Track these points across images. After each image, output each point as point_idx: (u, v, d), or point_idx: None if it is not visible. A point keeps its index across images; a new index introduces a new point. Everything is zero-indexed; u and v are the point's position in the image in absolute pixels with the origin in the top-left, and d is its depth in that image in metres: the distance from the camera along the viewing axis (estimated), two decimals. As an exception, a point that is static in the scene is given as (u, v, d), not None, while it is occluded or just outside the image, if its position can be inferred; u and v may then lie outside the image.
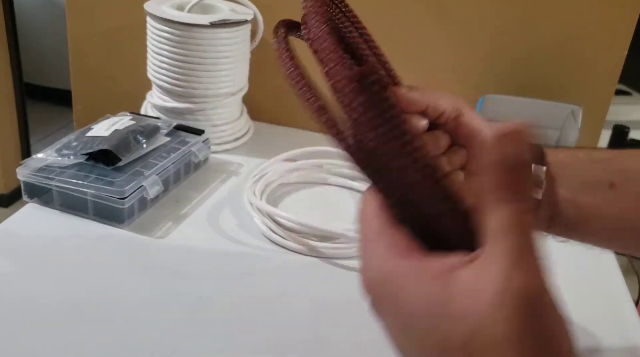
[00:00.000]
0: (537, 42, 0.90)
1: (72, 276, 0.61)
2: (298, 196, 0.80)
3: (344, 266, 0.67)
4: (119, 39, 1.04)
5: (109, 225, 0.69)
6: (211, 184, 0.81)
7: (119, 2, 1.01)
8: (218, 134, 0.89)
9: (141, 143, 0.75)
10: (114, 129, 0.75)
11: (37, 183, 0.70)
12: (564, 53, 0.90)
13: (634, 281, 0.97)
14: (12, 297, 0.58)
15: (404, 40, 0.93)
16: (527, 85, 0.91)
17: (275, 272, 0.66)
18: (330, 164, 0.85)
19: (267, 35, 0.95)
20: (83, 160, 0.71)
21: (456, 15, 0.91)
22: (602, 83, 0.90)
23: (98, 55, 1.07)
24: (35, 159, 0.71)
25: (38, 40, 2.90)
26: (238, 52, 0.88)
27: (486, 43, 0.91)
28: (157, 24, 0.84)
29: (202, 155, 0.82)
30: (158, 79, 0.87)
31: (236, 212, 0.75)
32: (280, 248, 0.69)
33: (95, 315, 0.56)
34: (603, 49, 0.88)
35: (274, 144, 0.92)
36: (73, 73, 1.10)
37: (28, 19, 2.87)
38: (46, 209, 0.71)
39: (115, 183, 0.68)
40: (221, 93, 0.88)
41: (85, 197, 0.68)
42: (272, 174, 0.80)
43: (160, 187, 0.73)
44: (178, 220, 0.72)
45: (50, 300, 0.58)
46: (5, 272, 0.61)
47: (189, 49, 0.83)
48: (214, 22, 0.82)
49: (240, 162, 0.88)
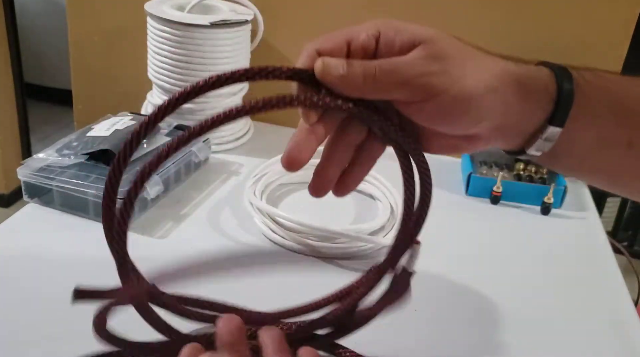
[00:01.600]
0: (536, 42, 0.90)
1: (73, 276, 0.61)
2: (298, 196, 0.80)
3: (344, 266, 0.67)
4: (119, 39, 1.04)
5: (109, 225, 0.69)
6: (211, 184, 0.81)
7: (119, 3, 1.01)
8: (218, 134, 0.90)
9: (142, 143, 0.75)
10: (114, 129, 0.76)
11: (37, 183, 0.70)
12: (564, 53, 0.89)
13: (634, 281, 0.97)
14: (12, 297, 0.58)
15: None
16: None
17: (275, 272, 0.66)
18: (330, 164, 0.85)
19: (267, 35, 0.95)
20: (84, 160, 0.71)
21: (456, 16, 0.91)
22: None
23: (99, 55, 1.07)
24: (35, 159, 0.72)
25: (39, 41, 2.90)
26: (238, 52, 0.88)
27: (486, 43, 0.90)
28: (158, 24, 0.84)
29: (202, 155, 0.82)
30: (158, 79, 0.88)
31: (236, 212, 0.75)
32: (281, 248, 0.69)
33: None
34: (602, 49, 0.88)
35: (274, 144, 0.91)
36: (74, 73, 1.10)
37: (29, 19, 2.87)
38: (47, 209, 0.71)
39: (116, 183, 0.68)
40: (221, 93, 0.88)
41: (85, 197, 0.68)
42: (272, 174, 0.80)
43: (161, 187, 0.73)
44: (178, 220, 0.72)
45: (50, 300, 0.58)
46: (6, 272, 0.61)
47: (189, 49, 0.83)
48: (214, 23, 0.82)
49: (240, 162, 0.88)
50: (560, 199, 0.82)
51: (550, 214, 0.81)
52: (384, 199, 0.78)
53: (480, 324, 0.61)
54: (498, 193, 0.82)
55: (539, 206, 0.82)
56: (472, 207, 0.82)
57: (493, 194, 0.82)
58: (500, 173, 0.85)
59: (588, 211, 0.84)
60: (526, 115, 0.40)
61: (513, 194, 0.83)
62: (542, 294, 0.66)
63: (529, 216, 0.81)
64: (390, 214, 0.75)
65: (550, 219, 0.81)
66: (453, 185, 0.87)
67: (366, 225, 0.71)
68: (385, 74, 0.36)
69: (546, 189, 0.81)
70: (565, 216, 0.82)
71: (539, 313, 0.63)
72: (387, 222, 0.73)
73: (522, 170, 0.86)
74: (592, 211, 0.84)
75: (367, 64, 0.37)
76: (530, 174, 0.86)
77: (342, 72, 0.36)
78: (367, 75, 0.36)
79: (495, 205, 0.83)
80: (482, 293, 0.65)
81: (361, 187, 0.82)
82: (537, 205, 0.82)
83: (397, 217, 0.74)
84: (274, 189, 0.80)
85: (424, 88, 0.37)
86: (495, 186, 0.82)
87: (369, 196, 0.81)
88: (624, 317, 0.63)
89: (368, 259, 0.69)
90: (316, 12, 0.94)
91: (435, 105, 0.37)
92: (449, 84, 0.37)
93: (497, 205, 0.83)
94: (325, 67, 0.37)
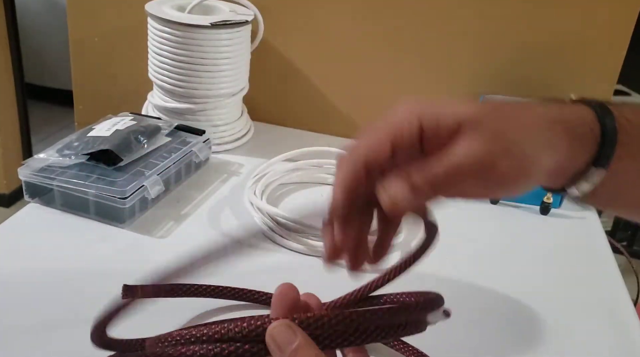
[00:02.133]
0: (536, 42, 0.90)
1: (73, 276, 0.62)
2: (298, 196, 0.81)
3: (344, 266, 0.67)
4: (120, 40, 1.05)
5: (110, 225, 0.69)
6: (212, 184, 0.81)
7: (120, 3, 1.02)
8: (219, 134, 0.90)
9: (142, 143, 0.76)
10: (115, 129, 0.76)
11: (38, 183, 0.70)
12: (564, 54, 0.90)
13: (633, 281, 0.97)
14: (13, 297, 0.58)
15: (402, 40, 0.93)
16: (526, 86, 0.91)
17: (275, 272, 0.66)
18: (330, 164, 0.85)
19: (267, 35, 0.95)
20: (84, 161, 0.72)
21: (456, 16, 0.91)
22: (601, 83, 0.91)
23: (99, 55, 1.07)
24: (36, 159, 0.72)
25: (39, 41, 2.90)
26: (238, 52, 0.88)
27: (485, 43, 0.91)
28: (158, 25, 0.84)
29: (202, 155, 0.82)
30: (159, 79, 0.88)
31: (237, 212, 0.75)
32: (281, 248, 0.69)
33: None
34: (602, 49, 0.88)
35: (274, 144, 0.92)
36: (74, 73, 1.10)
37: (29, 19, 2.87)
38: (47, 209, 0.71)
39: (117, 183, 0.68)
40: (222, 93, 0.88)
41: (86, 197, 0.68)
42: (272, 174, 0.80)
43: (161, 187, 0.73)
44: (179, 220, 0.72)
45: (51, 300, 0.58)
46: (6, 272, 0.61)
47: (190, 49, 0.84)
48: (215, 23, 0.83)
49: (240, 162, 0.88)
50: (559, 199, 0.82)
51: (549, 214, 0.82)
52: (384, 199, 0.78)
53: (480, 324, 0.61)
54: (498, 193, 0.82)
55: (539, 206, 0.82)
56: (472, 207, 0.82)
57: (493, 194, 0.83)
58: (500, 173, 0.85)
59: (587, 211, 0.84)
60: (573, 160, 0.39)
61: (513, 194, 0.83)
62: (541, 294, 0.66)
63: (528, 216, 0.81)
64: (390, 214, 0.75)
65: (550, 219, 0.81)
66: (453, 185, 0.87)
67: (366, 225, 0.71)
68: (450, 180, 0.35)
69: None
70: (564, 216, 0.82)
71: (539, 313, 0.63)
72: (387, 222, 0.73)
73: (521, 171, 0.86)
74: (592, 211, 0.84)
75: (429, 177, 0.35)
76: (530, 174, 0.86)
77: (411, 200, 0.35)
78: (435, 189, 0.36)
79: (494, 205, 0.83)
80: (482, 293, 0.65)
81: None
82: (536, 205, 0.82)
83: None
84: (274, 189, 0.80)
85: (491, 178, 0.36)
86: (495, 186, 0.82)
87: (369, 195, 0.81)
88: (624, 317, 0.63)
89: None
90: (316, 12, 0.94)
91: (498, 183, 0.36)
92: (515, 164, 0.36)
93: (496, 205, 0.83)
94: (393, 201, 0.36)
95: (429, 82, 0.95)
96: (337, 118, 1.00)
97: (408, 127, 0.36)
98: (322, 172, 0.84)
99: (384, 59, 0.95)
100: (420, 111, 0.37)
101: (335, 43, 0.96)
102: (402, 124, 0.37)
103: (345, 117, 1.00)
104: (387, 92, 0.97)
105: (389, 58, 0.95)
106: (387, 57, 0.95)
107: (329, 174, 0.84)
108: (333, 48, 0.96)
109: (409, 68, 0.95)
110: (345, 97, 1.00)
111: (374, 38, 0.94)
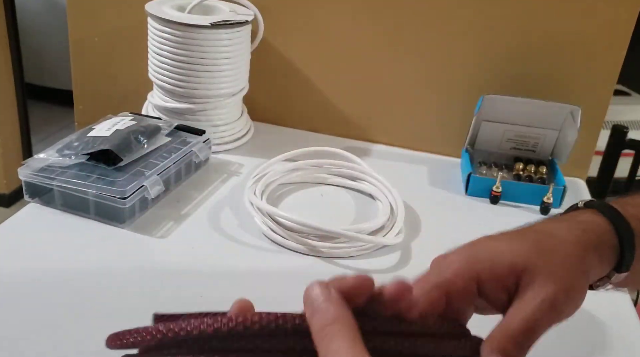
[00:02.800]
0: (536, 42, 0.90)
1: (73, 276, 0.62)
2: (298, 196, 0.81)
3: (344, 266, 0.68)
4: (120, 40, 1.05)
5: (110, 225, 0.69)
6: (212, 184, 0.81)
7: (120, 3, 1.02)
8: (219, 134, 0.90)
9: (142, 143, 0.76)
10: (115, 129, 0.76)
11: (38, 183, 0.70)
12: (563, 53, 0.90)
13: (634, 280, 0.97)
14: (13, 296, 0.58)
15: (402, 40, 0.93)
16: (526, 86, 0.91)
17: (275, 272, 0.66)
18: (330, 164, 0.85)
19: (267, 35, 0.95)
20: (84, 161, 0.72)
21: (456, 15, 0.91)
22: (601, 83, 0.91)
23: (99, 55, 1.07)
24: (36, 159, 0.72)
25: (39, 41, 2.90)
26: (238, 52, 0.88)
27: (485, 43, 0.91)
28: (158, 25, 0.84)
29: (202, 155, 0.82)
30: (159, 79, 0.88)
31: (237, 212, 0.75)
32: (281, 248, 0.69)
33: (96, 315, 0.57)
34: (602, 49, 0.88)
35: (274, 144, 0.92)
36: (74, 73, 1.10)
37: (29, 19, 2.87)
38: (47, 209, 0.71)
39: (117, 183, 0.68)
40: (222, 93, 0.88)
41: (86, 197, 0.69)
42: (272, 174, 0.80)
43: (161, 187, 0.73)
44: (179, 220, 0.72)
45: (51, 300, 0.58)
46: (7, 272, 0.61)
47: (190, 49, 0.84)
48: (215, 23, 0.83)
49: (240, 162, 0.88)
50: (559, 199, 0.82)
51: (549, 213, 0.82)
52: (384, 199, 0.78)
53: (479, 324, 0.61)
54: (498, 193, 0.82)
55: (539, 206, 0.82)
56: (472, 207, 0.82)
57: (493, 194, 0.83)
58: (500, 173, 0.85)
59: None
60: (601, 274, 0.42)
61: (512, 194, 0.83)
62: (541, 293, 0.66)
63: (528, 216, 0.81)
64: (390, 214, 0.75)
65: (550, 219, 0.81)
66: (453, 185, 0.87)
67: (366, 225, 0.71)
68: (529, 338, 0.36)
69: (545, 189, 0.81)
70: (564, 215, 0.82)
71: (538, 313, 0.63)
72: (386, 222, 0.73)
73: (521, 171, 0.87)
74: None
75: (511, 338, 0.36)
76: (529, 174, 0.86)
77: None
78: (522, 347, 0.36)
79: (494, 205, 0.83)
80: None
81: (361, 187, 0.82)
82: (536, 205, 0.82)
83: (396, 217, 0.74)
84: (274, 189, 0.80)
85: (561, 319, 0.38)
86: (494, 186, 0.82)
87: (369, 196, 0.82)
88: (624, 317, 0.63)
89: (368, 259, 0.69)
90: (316, 12, 0.94)
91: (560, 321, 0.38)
92: (577, 305, 0.38)
93: (496, 205, 0.83)
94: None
95: (429, 82, 0.95)
96: (337, 118, 1.00)
97: (462, 281, 0.38)
98: (322, 172, 0.84)
99: (384, 59, 0.95)
100: (472, 259, 0.39)
101: (335, 43, 0.96)
102: (454, 277, 0.38)
103: (345, 117, 1.00)
104: (387, 92, 0.97)
105: (389, 58, 0.95)
106: (387, 57, 0.95)
107: (329, 174, 0.84)
108: (333, 48, 0.96)
109: (409, 68, 0.95)
110: (345, 97, 1.00)
111: (374, 38, 0.94)
